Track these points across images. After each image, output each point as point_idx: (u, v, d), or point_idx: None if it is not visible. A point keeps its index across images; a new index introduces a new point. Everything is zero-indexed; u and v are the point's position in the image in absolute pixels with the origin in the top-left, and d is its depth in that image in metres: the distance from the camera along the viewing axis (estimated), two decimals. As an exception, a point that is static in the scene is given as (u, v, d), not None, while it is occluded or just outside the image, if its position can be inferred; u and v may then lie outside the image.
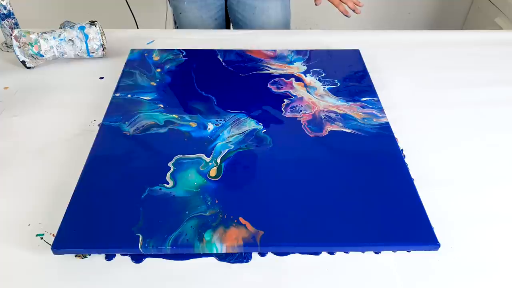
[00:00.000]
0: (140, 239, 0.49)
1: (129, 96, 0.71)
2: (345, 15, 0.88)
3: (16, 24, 0.84)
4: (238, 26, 1.10)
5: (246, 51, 0.84)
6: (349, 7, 0.88)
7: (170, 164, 0.59)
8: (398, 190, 0.56)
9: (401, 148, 0.64)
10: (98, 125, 0.68)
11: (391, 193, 0.56)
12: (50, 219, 0.53)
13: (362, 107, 0.70)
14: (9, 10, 0.82)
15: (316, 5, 0.88)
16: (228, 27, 1.18)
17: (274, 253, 0.51)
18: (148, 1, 1.77)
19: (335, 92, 0.74)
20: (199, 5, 1.05)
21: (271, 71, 0.79)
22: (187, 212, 0.52)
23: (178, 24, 1.13)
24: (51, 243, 0.49)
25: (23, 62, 0.79)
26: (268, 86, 0.75)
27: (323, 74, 0.78)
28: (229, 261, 0.50)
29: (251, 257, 0.51)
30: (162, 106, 0.69)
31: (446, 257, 0.51)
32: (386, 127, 0.66)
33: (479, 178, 0.61)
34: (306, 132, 0.65)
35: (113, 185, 0.56)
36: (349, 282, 0.49)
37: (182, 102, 0.71)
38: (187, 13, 1.07)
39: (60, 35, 0.79)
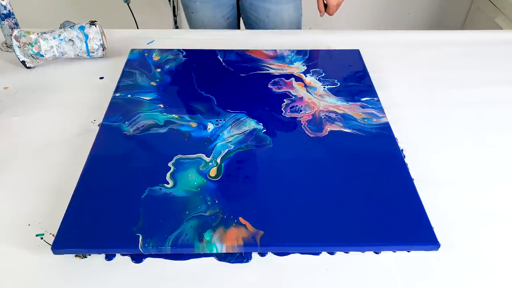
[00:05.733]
0: (140, 239, 0.49)
1: (129, 96, 0.71)
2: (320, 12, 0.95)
3: (16, 24, 0.84)
4: (251, 27, 1.10)
5: (246, 51, 0.84)
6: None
7: (170, 164, 0.59)
8: (398, 190, 0.56)
9: (401, 148, 0.64)
10: (98, 125, 0.68)
11: (391, 193, 0.56)
12: (50, 219, 0.53)
13: (362, 107, 0.70)
14: (9, 10, 0.82)
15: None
16: (238, 26, 1.18)
17: (274, 253, 0.51)
18: (148, 1, 1.77)
19: (335, 92, 0.74)
20: (212, 5, 1.05)
21: (271, 71, 0.79)
22: (187, 212, 0.52)
23: (188, 23, 1.12)
24: (51, 243, 0.49)
25: (23, 62, 0.79)
26: (268, 86, 0.75)
27: (323, 74, 0.78)
28: (229, 261, 0.50)
29: (251, 257, 0.51)
30: (162, 106, 0.69)
31: (446, 257, 0.51)
32: (386, 127, 0.66)
33: (479, 178, 0.61)
34: (306, 132, 0.65)
35: (113, 185, 0.56)
36: (349, 282, 0.49)
37: (182, 102, 0.71)
38: (199, 13, 1.06)
39: (60, 35, 0.79)
